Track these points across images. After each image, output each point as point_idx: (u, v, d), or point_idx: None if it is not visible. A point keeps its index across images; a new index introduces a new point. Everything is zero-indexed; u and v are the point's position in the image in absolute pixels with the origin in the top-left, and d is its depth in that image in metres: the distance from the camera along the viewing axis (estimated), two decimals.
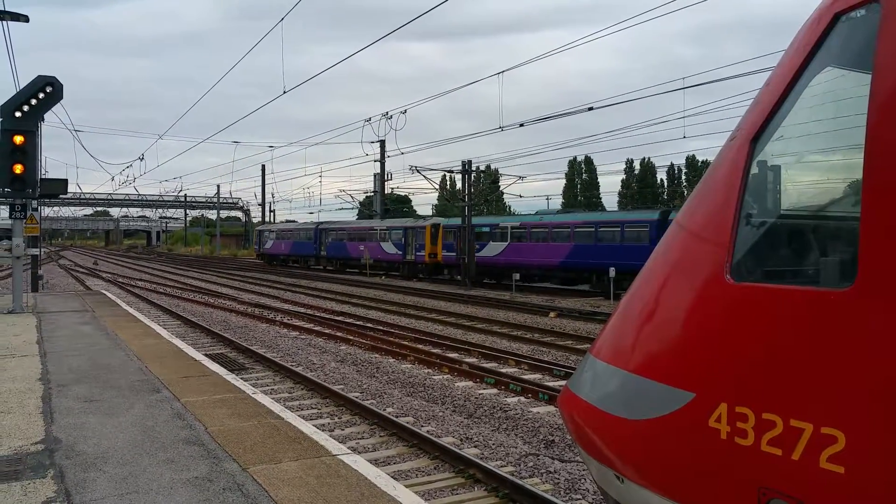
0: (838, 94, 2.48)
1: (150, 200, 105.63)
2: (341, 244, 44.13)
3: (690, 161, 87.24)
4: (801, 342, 2.22)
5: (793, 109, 2.53)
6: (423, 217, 40.33)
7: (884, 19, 2.15)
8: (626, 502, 2.93)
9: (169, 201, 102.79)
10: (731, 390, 2.39)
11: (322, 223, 48.96)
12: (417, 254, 36.78)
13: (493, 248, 32.84)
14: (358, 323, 18.74)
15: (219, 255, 77.92)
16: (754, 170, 2.59)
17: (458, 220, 35.10)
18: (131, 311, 17.37)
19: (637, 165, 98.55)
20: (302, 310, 22.32)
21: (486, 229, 33.65)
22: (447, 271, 35.86)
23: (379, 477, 5.02)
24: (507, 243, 32.35)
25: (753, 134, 2.59)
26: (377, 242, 40.28)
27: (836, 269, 2.27)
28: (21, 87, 15.10)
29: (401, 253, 38.07)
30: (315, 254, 46.65)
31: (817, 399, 2.14)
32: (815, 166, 2.76)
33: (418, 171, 35.54)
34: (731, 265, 2.49)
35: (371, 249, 39.85)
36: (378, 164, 49.66)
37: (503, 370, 12.25)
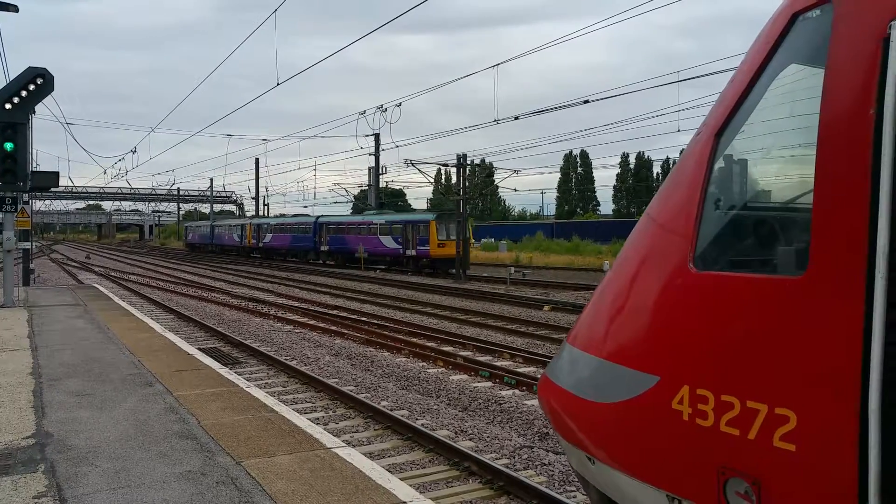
0: (798, 90, 2.54)
1: (143, 194, 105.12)
2: (222, 235, 67.49)
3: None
4: (756, 327, 2.34)
5: (754, 105, 2.63)
6: (260, 216, 67.11)
7: (836, 19, 2.24)
8: (599, 484, 3.06)
9: (162, 195, 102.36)
10: (692, 373, 2.52)
11: (216, 222, 72.74)
12: (244, 242, 60.29)
13: (267, 238, 55.35)
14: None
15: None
16: (718, 164, 2.69)
17: (259, 220, 60.92)
18: (124, 304, 17.28)
19: (633, 159, 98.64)
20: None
21: (266, 226, 56.45)
22: (256, 252, 58.69)
23: (373, 470, 4.99)
24: (272, 234, 54.54)
25: (717, 129, 2.69)
26: (232, 234, 64.29)
27: (791, 258, 2.37)
28: (11, 79, 14.96)
29: (239, 241, 61.98)
30: (210, 243, 70.25)
31: (772, 381, 2.25)
32: (773, 161, 2.85)
33: (413, 164, 35.51)
34: (694, 255, 2.61)
35: (230, 239, 64.45)
36: (373, 157, 49.50)
37: (498, 363, 12.25)
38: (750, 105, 2.63)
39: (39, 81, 14.56)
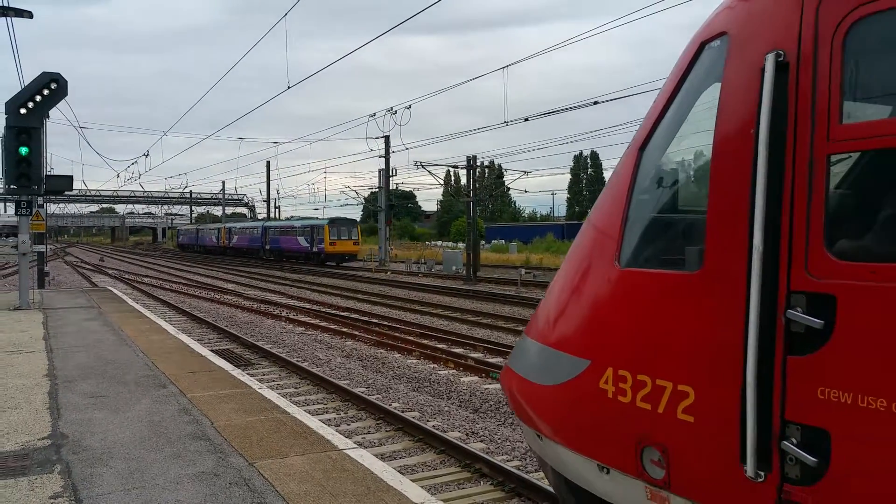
0: (708, 109, 2.81)
1: (156, 197, 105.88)
2: (204, 237, 76.09)
3: None
4: (663, 314, 2.72)
5: (669, 122, 3.00)
6: (239, 219, 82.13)
7: (729, 49, 2.63)
8: (546, 457, 3.43)
9: (174, 198, 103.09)
10: (614, 356, 2.89)
11: (199, 226, 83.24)
12: (219, 242, 68.93)
13: (234, 240, 64.04)
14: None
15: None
16: (640, 174, 3.08)
17: (229, 224, 70.23)
18: (137, 307, 17.42)
19: None
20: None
21: (233, 229, 65.69)
22: (228, 251, 66.13)
23: (385, 471, 5.01)
24: (237, 237, 63.56)
25: (641, 143, 3.07)
26: (211, 236, 72.64)
27: (692, 257, 2.70)
28: (26, 84, 15.12)
29: (216, 242, 69.98)
30: (196, 243, 79.07)
31: (675, 361, 2.62)
32: (685, 172, 3.22)
33: (423, 166, 35.60)
34: (619, 254, 3.01)
35: (210, 240, 72.86)
36: (383, 159, 49.57)
37: None
38: (667, 122, 2.98)
39: (53, 86, 14.70)
